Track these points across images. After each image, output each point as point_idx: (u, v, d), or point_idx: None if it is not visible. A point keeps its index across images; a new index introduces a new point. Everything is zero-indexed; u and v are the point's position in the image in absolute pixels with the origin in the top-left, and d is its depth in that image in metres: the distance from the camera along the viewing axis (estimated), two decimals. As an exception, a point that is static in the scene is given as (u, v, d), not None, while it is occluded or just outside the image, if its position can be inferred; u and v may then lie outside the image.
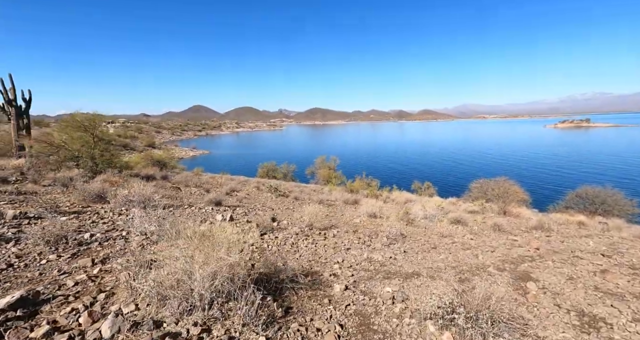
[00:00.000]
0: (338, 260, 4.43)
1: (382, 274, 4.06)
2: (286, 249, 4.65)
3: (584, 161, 54.67)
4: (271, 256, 4.12)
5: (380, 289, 3.49)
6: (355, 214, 9.63)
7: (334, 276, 3.74)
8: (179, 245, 2.67)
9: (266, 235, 5.12)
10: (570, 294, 4.14)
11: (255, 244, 4.53)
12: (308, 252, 4.66)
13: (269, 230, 5.58)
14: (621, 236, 10.17)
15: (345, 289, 3.32)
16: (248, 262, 3.41)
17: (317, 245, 5.02)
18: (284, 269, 3.20)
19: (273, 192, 14.18)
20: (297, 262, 4.10)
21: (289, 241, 4.97)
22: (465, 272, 4.67)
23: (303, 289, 3.08)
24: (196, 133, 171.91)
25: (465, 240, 7.12)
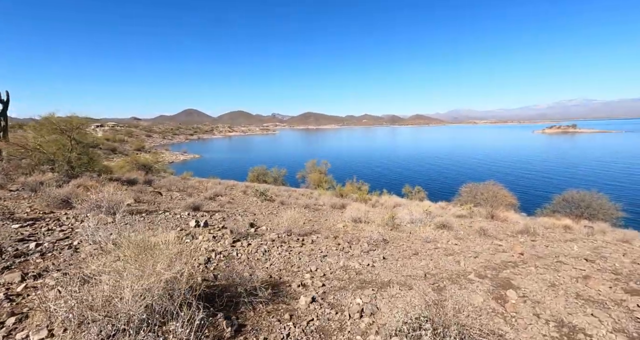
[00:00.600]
0: (311, 269, 4.19)
1: (356, 284, 3.84)
2: (257, 257, 4.39)
3: (570, 166, 55.80)
4: (239, 265, 3.87)
5: (351, 300, 3.26)
6: (339, 219, 9.42)
7: (303, 287, 3.50)
8: (121, 256, 2.39)
9: (239, 243, 4.86)
10: (551, 302, 3.98)
11: (224, 252, 4.26)
12: (281, 260, 4.41)
13: (244, 236, 5.31)
14: (605, 240, 10.19)
15: (311, 302, 3.08)
16: (199, 275, 3.14)
17: (291, 253, 4.77)
18: (244, 280, 2.94)
19: (259, 197, 13.89)
20: (265, 272, 3.85)
21: (261, 248, 4.72)
22: (445, 280, 4.48)
23: (263, 303, 2.83)
24: (188, 137, 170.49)
25: (448, 246, 6.96)
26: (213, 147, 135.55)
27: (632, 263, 6.86)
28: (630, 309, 4.06)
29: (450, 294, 3.86)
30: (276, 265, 4.16)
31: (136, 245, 2.34)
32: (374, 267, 4.66)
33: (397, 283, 4.04)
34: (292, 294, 3.23)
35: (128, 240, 2.40)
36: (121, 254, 2.31)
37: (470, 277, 4.77)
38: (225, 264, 3.81)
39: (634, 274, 5.90)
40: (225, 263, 3.84)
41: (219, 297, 2.65)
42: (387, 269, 4.66)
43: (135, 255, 2.24)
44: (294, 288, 3.41)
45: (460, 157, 75.14)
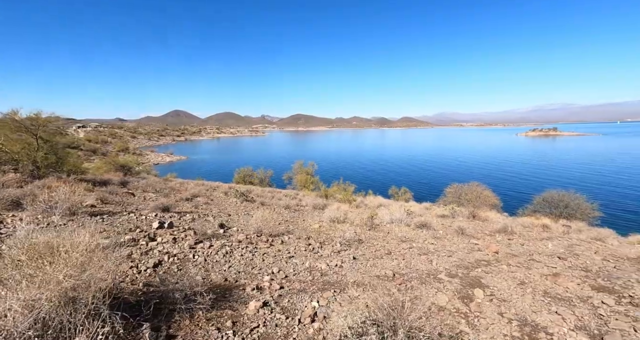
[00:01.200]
0: (273, 271, 3.98)
1: (318, 286, 3.66)
2: (216, 259, 4.14)
3: (551, 167, 57.53)
4: (193, 268, 3.62)
5: (307, 304, 3.08)
6: (318, 219, 9.23)
7: (259, 290, 3.28)
8: (13, 261, 2.07)
9: (201, 244, 4.60)
10: (517, 300, 3.91)
11: (180, 255, 4.00)
12: (242, 262, 4.18)
13: (209, 238, 5.05)
14: (580, 238, 10.38)
15: (262, 306, 2.88)
16: (142, 280, 2.87)
17: (255, 255, 4.55)
18: (189, 285, 2.70)
19: (239, 198, 13.57)
20: (222, 275, 3.62)
21: (223, 250, 4.47)
22: (414, 279, 4.36)
23: (204, 310, 2.59)
24: (175, 138, 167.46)
25: (424, 245, 6.88)
26: (200, 149, 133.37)
27: (602, 260, 6.95)
28: (595, 305, 4.03)
29: (415, 294, 3.73)
30: (235, 268, 3.93)
31: (33, 248, 2.05)
32: (342, 268, 4.50)
33: (362, 284, 3.88)
34: (243, 298, 3.01)
35: (24, 243, 2.10)
36: (13, 258, 2.01)
37: (441, 276, 4.67)
38: (178, 267, 3.56)
39: (602, 271, 5.96)
40: (178, 266, 3.58)
41: (146, 305, 2.38)
42: (355, 270, 4.50)
43: (32, 259, 1.96)
44: (247, 292, 3.19)
45: (446, 159, 76.40)
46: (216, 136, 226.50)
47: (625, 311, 3.88)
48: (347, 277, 4.12)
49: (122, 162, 22.68)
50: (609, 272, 5.91)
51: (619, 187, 39.11)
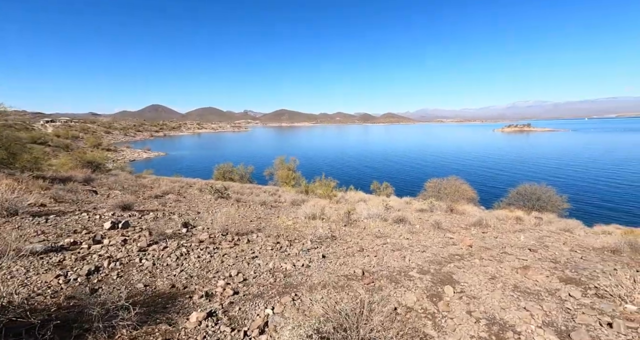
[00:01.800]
0: (231, 274, 3.65)
1: (278, 289, 3.37)
2: (168, 262, 3.76)
3: (525, 162, 60.00)
4: (137, 274, 3.23)
5: (260, 311, 2.78)
6: (292, 216, 8.93)
7: (208, 297, 2.95)
8: None
9: (154, 246, 4.18)
10: (487, 297, 3.80)
11: (124, 259, 3.58)
12: (197, 265, 3.82)
13: (166, 238, 4.64)
14: (550, 230, 10.66)
15: (206, 318, 2.54)
16: (59, 292, 2.44)
17: (214, 256, 4.20)
18: (108, 298, 2.30)
19: (213, 194, 13.02)
20: (169, 281, 3.25)
21: (178, 252, 4.08)
22: (383, 278, 4.16)
23: (129, 327, 2.22)
24: (153, 134, 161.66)
25: (399, 241, 6.74)
26: (180, 145, 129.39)
27: (570, 251, 7.09)
28: (562, 298, 3.99)
29: (383, 294, 3.52)
30: (188, 272, 3.57)
31: None
32: (309, 268, 4.23)
33: (327, 285, 3.63)
34: (187, 308, 2.67)
35: None
36: None
37: (412, 273, 4.51)
38: (119, 274, 3.16)
39: (570, 262, 6.04)
40: (118, 273, 3.17)
41: (44, 327, 1.97)
42: (322, 269, 4.25)
43: None
44: (194, 300, 2.85)
45: (427, 155, 77.99)
46: (197, 132, 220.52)
47: (591, 304, 3.85)
48: (313, 277, 3.85)
49: (90, 158, 21.35)
50: (576, 263, 6.00)
51: (585, 180, 41.32)
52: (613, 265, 6.10)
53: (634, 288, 4.10)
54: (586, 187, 37.34)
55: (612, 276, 5.28)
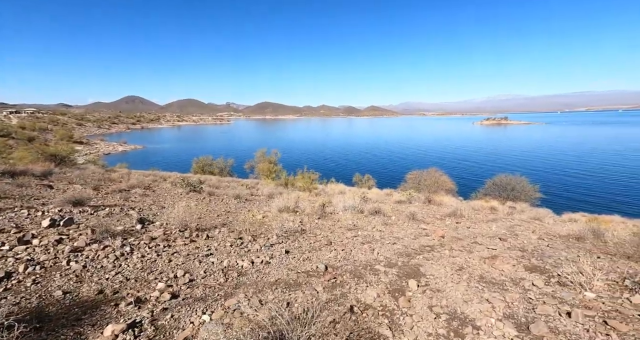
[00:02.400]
0: (176, 275, 3.32)
1: (227, 289, 3.09)
2: (103, 264, 3.36)
3: (502, 154, 62.12)
4: (60, 279, 2.84)
5: (197, 318, 2.49)
6: (265, 209, 8.62)
7: (138, 304, 2.60)
8: None
9: (93, 246, 3.76)
10: (451, 289, 3.69)
11: (48, 262, 3.16)
12: (139, 266, 3.46)
13: (111, 236, 4.21)
14: (521, 219, 10.91)
15: (126, 330, 2.21)
16: None
17: (162, 255, 3.84)
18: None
19: (185, 188, 12.45)
20: (98, 285, 2.88)
21: (119, 252, 3.69)
22: (347, 273, 3.96)
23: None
24: (129, 126, 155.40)
25: (370, 233, 6.59)
26: (159, 138, 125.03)
27: (538, 239, 7.22)
28: (526, 288, 3.95)
29: (343, 291, 3.31)
30: (125, 274, 3.20)
31: None
32: (268, 265, 3.97)
33: (283, 283, 3.38)
34: (107, 319, 2.33)
35: None
36: None
37: (378, 267, 4.34)
38: (36, 279, 2.75)
39: (537, 250, 6.11)
40: (35, 279, 2.76)
41: None
42: (283, 266, 3.99)
43: None
44: (120, 308, 2.50)
45: (410, 147, 79.18)
46: (177, 124, 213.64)
47: (553, 292, 3.83)
48: (270, 275, 3.59)
49: (53, 151, 19.96)
50: (542, 251, 6.08)
51: (556, 171, 43.30)
52: (576, 252, 6.23)
53: (594, 275, 4.12)
54: (557, 177, 39.13)
55: (575, 263, 5.37)
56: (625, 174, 39.47)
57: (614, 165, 45.35)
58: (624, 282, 4.27)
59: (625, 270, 5.04)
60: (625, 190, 32.65)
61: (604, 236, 7.42)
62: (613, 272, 4.84)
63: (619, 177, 37.72)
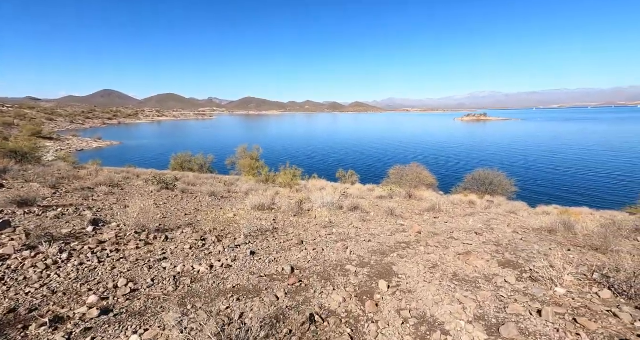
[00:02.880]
0: (117, 284, 2.94)
1: (174, 300, 2.75)
2: (28, 275, 2.90)
3: (481, 149, 63.93)
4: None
5: (123, 339, 2.14)
6: (239, 207, 8.24)
7: (55, 324, 2.21)
8: None
9: (24, 253, 3.30)
10: (423, 290, 3.52)
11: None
12: (72, 275, 3.03)
13: (51, 240, 3.75)
14: (498, 212, 11.06)
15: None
16: None
17: (105, 261, 3.43)
18: None
19: (156, 185, 11.83)
20: (12, 302, 2.44)
21: (52, 259, 3.25)
22: (315, 275, 3.71)
23: None
24: (105, 121, 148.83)
25: (346, 230, 6.39)
26: (138, 133, 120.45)
27: (513, 233, 7.26)
28: (498, 285, 3.85)
29: (306, 296, 3.05)
30: (52, 286, 2.78)
31: None
32: (229, 268, 3.65)
33: (242, 290, 3.08)
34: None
35: None
36: None
37: (349, 267, 4.12)
38: None
39: (511, 244, 6.11)
40: None
41: None
42: (246, 269, 3.69)
43: None
44: (30, 331, 2.09)
45: (393, 142, 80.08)
46: (156, 119, 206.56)
47: (525, 289, 3.74)
48: (228, 281, 3.28)
49: (13, 146, 18.54)
50: (516, 245, 6.08)
51: (531, 165, 45.00)
52: (548, 245, 6.29)
53: (564, 270, 4.08)
54: (532, 171, 40.65)
55: (546, 256, 5.38)
56: (592, 168, 41.56)
57: (582, 160, 47.69)
58: (592, 276, 4.27)
59: (593, 263, 5.09)
60: (594, 183, 34.37)
61: (575, 228, 7.56)
62: (582, 265, 4.87)
63: (586, 172, 39.68)
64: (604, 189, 31.99)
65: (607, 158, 47.94)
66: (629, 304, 3.19)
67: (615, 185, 32.98)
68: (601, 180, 35.37)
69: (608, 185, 33.27)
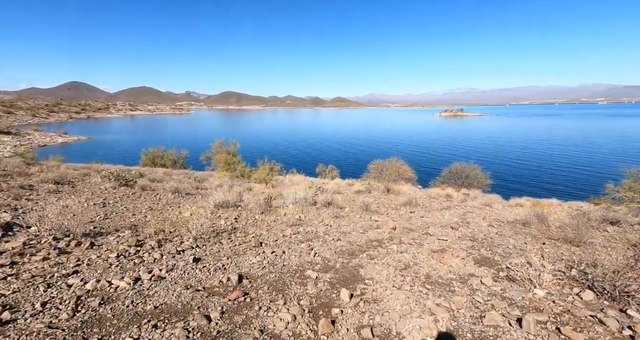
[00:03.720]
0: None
1: (59, 335, 2.07)
2: None
3: (458, 143, 65.64)
4: None
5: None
6: (200, 204, 7.49)
7: None
8: None
9: None
10: (390, 298, 3.05)
11: None
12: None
13: None
14: (473, 205, 10.94)
15: None
16: None
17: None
18: None
19: (114, 181, 10.78)
20: None
21: None
22: (265, 285, 3.13)
23: None
24: (72, 115, 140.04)
25: (315, 228, 5.85)
26: (109, 128, 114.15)
27: (488, 226, 7.02)
28: (474, 288, 3.46)
29: (249, 315, 2.47)
30: None
31: None
32: (160, 281, 3.00)
33: (166, 311, 2.46)
34: None
35: None
36: None
37: (309, 272, 3.58)
38: None
39: (487, 238, 5.82)
40: None
41: None
42: (182, 281, 3.05)
43: None
44: None
45: (374, 137, 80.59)
46: (130, 114, 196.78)
47: (502, 291, 3.37)
48: (152, 299, 2.63)
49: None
50: (492, 239, 5.80)
51: (505, 158, 46.64)
52: (523, 238, 6.08)
53: (543, 268, 3.76)
54: (505, 165, 42.07)
55: (522, 251, 5.13)
56: (557, 162, 43.68)
57: (549, 154, 50.07)
58: (570, 272, 4.01)
59: (569, 258, 4.87)
60: (560, 176, 36.10)
61: (547, 220, 7.48)
62: (559, 260, 4.62)
63: (553, 165, 41.64)
64: (570, 181, 33.66)
65: (571, 152, 50.65)
66: (612, 307, 2.88)
67: (578, 178, 34.82)
68: (567, 173, 37.26)
69: (573, 177, 35.08)
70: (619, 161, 41.65)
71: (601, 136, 71.32)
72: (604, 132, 79.99)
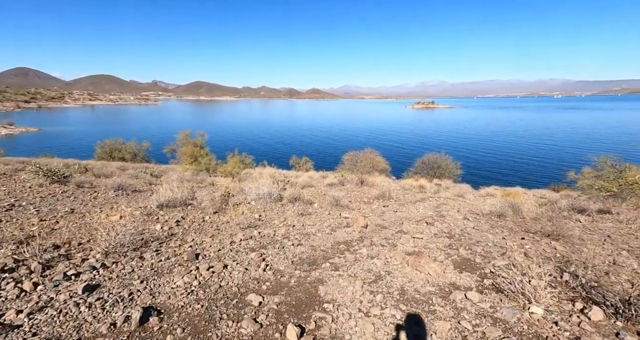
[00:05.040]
0: None
1: None
2: None
3: (430, 135, 67.28)
4: None
5: None
6: (140, 205, 6.30)
7: None
8: None
9: None
10: (354, 332, 2.27)
11: None
12: None
13: None
14: (447, 196, 10.57)
15: None
16: None
17: None
18: None
19: (44, 177, 9.15)
20: None
21: None
22: (180, 325, 2.22)
23: None
24: (20, 104, 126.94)
25: (274, 230, 4.96)
26: (64, 119, 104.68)
27: (463, 219, 6.54)
28: (458, 307, 2.77)
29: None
30: None
31: None
32: (7, 335, 1.99)
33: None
34: None
35: None
36: None
37: (251, 297, 2.71)
38: None
39: (464, 235, 5.27)
40: None
41: None
42: (44, 331, 2.05)
43: None
44: None
45: (349, 129, 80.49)
46: (89, 103, 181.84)
47: (492, 310, 2.71)
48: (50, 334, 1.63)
49: None
50: (470, 236, 5.26)
51: (472, 149, 48.36)
52: (501, 232, 5.63)
53: (530, 271, 3.18)
54: (472, 155, 43.57)
55: (504, 250, 4.63)
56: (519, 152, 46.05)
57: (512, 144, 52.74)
58: (562, 277, 3.49)
59: (553, 255, 4.43)
60: (521, 165, 38.04)
61: (522, 211, 7.18)
62: (546, 260, 4.12)
63: (515, 155, 43.83)
64: (530, 170, 35.51)
65: (530, 143, 53.67)
66: (628, 328, 2.32)
67: (537, 167, 36.87)
68: (527, 162, 39.33)
69: (532, 167, 37.09)
70: (576, 151, 44.71)
71: (558, 128, 76.48)
72: (561, 124, 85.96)
